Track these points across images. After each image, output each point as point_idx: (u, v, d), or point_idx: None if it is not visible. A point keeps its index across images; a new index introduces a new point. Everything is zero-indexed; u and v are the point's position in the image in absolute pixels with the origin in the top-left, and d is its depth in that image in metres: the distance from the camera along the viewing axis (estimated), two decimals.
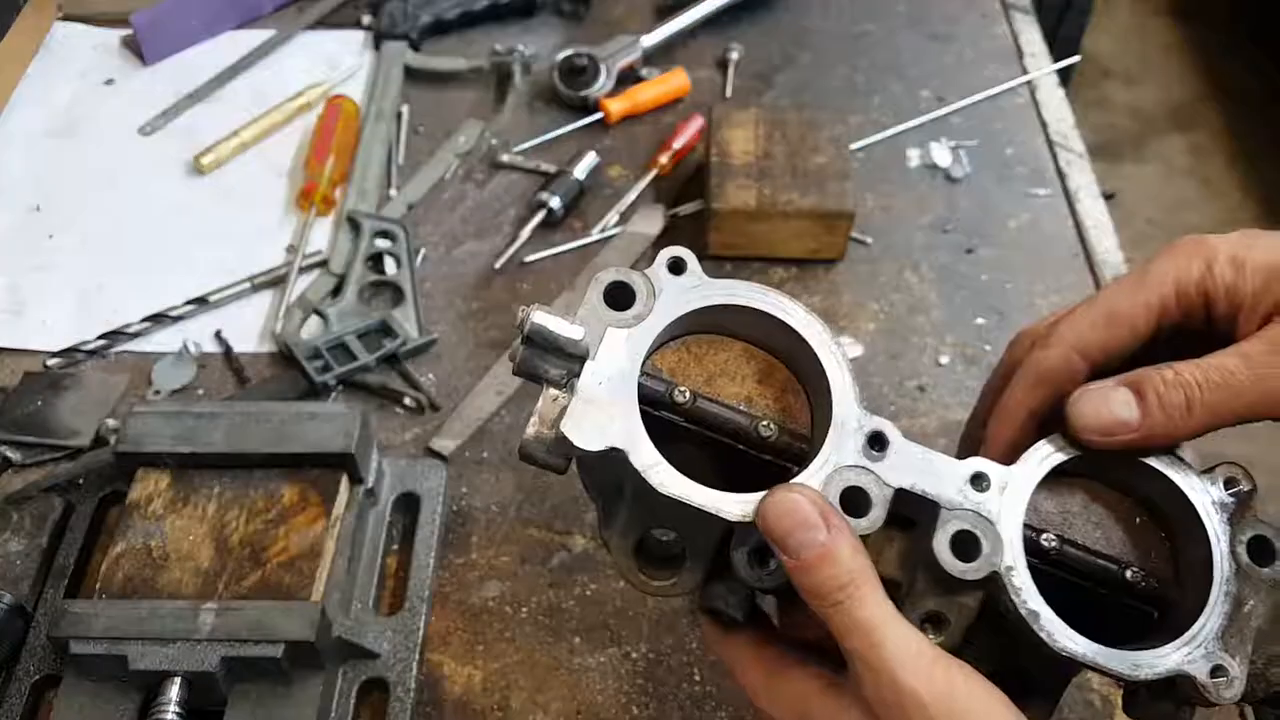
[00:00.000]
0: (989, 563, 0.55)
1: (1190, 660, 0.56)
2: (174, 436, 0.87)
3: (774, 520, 0.53)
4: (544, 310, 0.56)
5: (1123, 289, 0.60)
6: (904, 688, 0.51)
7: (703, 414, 0.58)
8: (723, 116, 1.20)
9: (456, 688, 0.87)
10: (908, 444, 0.57)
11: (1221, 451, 0.67)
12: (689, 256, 0.59)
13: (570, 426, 0.54)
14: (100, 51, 1.41)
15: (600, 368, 0.56)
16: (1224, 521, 0.59)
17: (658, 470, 0.54)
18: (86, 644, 0.77)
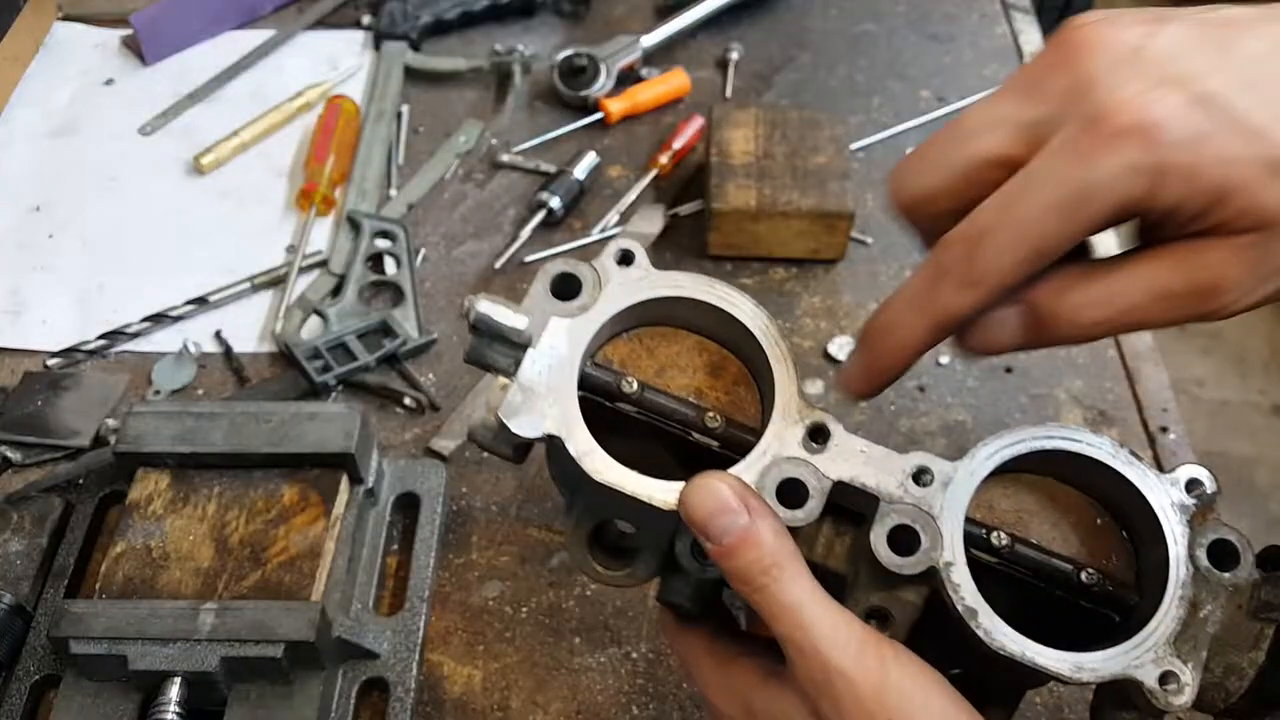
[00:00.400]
0: (927, 558, 0.54)
1: (1137, 664, 0.54)
2: (174, 436, 0.87)
3: (693, 506, 0.53)
4: (489, 299, 0.57)
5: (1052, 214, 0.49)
6: (832, 667, 0.51)
7: (651, 405, 0.58)
8: (723, 116, 1.20)
9: (456, 688, 0.87)
10: (849, 437, 0.57)
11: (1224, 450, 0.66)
12: (637, 249, 0.60)
13: (507, 412, 0.55)
14: (100, 51, 1.41)
15: (541, 356, 0.57)
16: (1183, 524, 0.57)
17: (591, 457, 0.55)
18: (86, 644, 0.77)
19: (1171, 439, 1.04)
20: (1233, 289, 0.50)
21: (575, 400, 0.56)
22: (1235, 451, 2.62)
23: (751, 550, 0.52)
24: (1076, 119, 0.49)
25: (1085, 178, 0.48)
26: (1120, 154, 0.47)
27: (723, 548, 0.52)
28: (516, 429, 0.55)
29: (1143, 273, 0.51)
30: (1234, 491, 2.54)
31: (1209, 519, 0.57)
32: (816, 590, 0.53)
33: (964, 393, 1.07)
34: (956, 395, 1.07)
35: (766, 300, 1.14)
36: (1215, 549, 0.56)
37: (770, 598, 0.52)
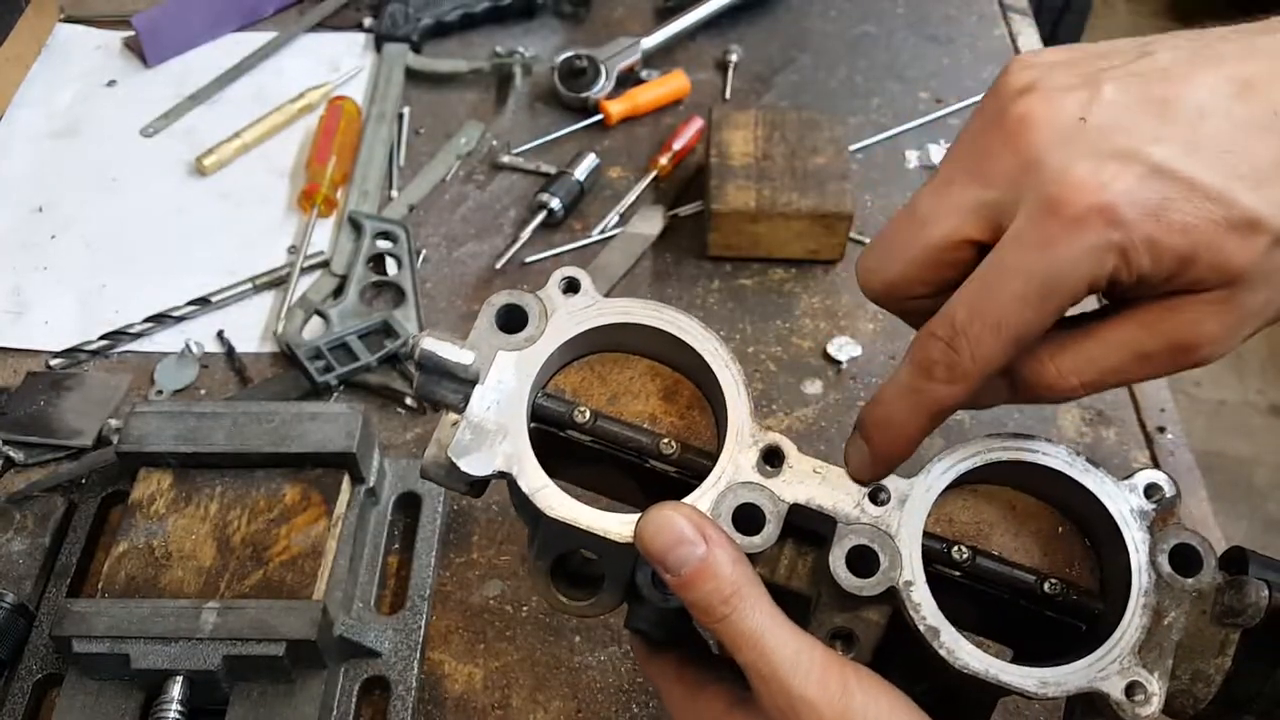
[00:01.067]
0: (886, 578, 0.54)
1: (1103, 676, 0.53)
2: (176, 436, 0.87)
3: (649, 539, 0.52)
4: (433, 336, 0.56)
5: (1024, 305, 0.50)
6: (794, 694, 0.50)
7: (605, 433, 0.58)
8: (722, 118, 1.21)
9: (457, 686, 0.87)
10: (803, 458, 0.56)
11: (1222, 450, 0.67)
12: (582, 276, 0.59)
13: (456, 451, 0.54)
14: (102, 53, 1.42)
15: (488, 392, 0.56)
16: (1144, 530, 0.56)
17: (544, 493, 0.54)
18: (89, 643, 0.77)
19: (1169, 439, 1.05)
20: (1208, 344, 0.51)
21: (525, 436, 0.55)
22: (1233, 451, 2.62)
23: (709, 580, 0.52)
24: (1032, 203, 0.49)
25: (1052, 266, 0.49)
26: (1083, 238, 0.48)
27: (681, 579, 0.52)
28: (466, 468, 0.54)
29: (1118, 337, 0.52)
30: (1232, 491, 2.55)
31: (1170, 524, 0.57)
32: (777, 616, 0.52)
33: None
34: None
35: (766, 301, 1.15)
36: (1177, 554, 0.56)
37: (731, 627, 0.52)
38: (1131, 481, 0.57)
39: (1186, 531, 0.56)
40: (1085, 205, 0.48)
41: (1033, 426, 1.05)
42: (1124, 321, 0.52)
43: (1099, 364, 0.52)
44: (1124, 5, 3.81)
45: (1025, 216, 0.50)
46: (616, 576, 0.59)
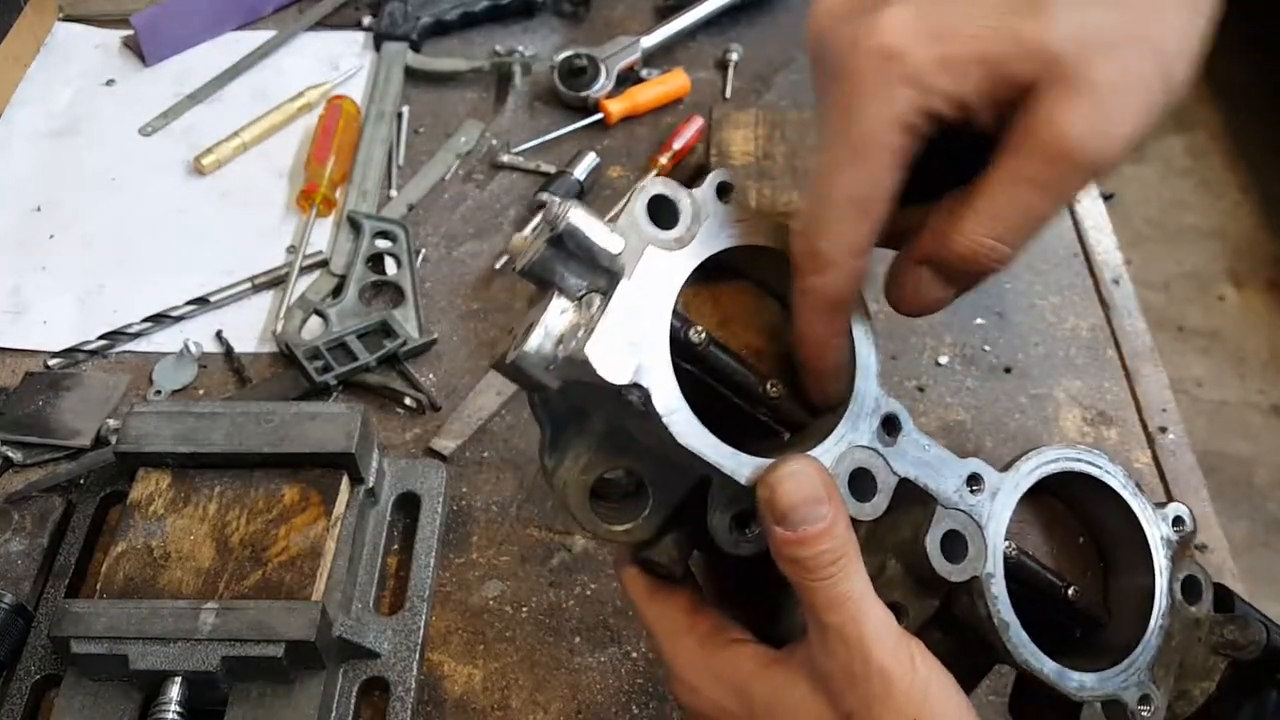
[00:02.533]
0: (973, 567, 0.54)
1: (1124, 687, 0.57)
2: (175, 436, 0.87)
3: (784, 492, 0.50)
4: (583, 210, 0.48)
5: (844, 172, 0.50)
6: (874, 662, 0.51)
7: (712, 360, 0.53)
8: (722, 117, 1.20)
9: (457, 687, 0.87)
10: (917, 433, 0.55)
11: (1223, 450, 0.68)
12: (737, 184, 0.54)
13: (596, 351, 0.47)
14: (101, 52, 1.42)
15: (635, 291, 0.49)
16: (1167, 557, 0.60)
17: (678, 418, 0.49)
18: (87, 644, 0.77)
19: (1170, 439, 1.04)
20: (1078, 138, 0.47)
21: (666, 348, 0.49)
22: (1234, 452, 2.62)
23: (827, 541, 0.51)
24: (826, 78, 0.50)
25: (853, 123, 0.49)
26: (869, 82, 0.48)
27: (797, 535, 0.50)
28: (604, 371, 0.47)
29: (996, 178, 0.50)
30: (1233, 491, 2.55)
31: (1185, 555, 0.61)
32: (869, 584, 0.52)
33: (963, 393, 1.07)
34: (956, 395, 1.07)
35: None
36: (1187, 584, 0.60)
37: (832, 588, 0.51)
38: (1164, 512, 0.61)
39: (1196, 564, 0.61)
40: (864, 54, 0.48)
41: (1034, 426, 1.05)
42: (995, 163, 0.50)
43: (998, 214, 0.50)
44: None
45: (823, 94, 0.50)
46: (664, 504, 0.54)
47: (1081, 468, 0.60)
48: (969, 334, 1.12)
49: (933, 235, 0.52)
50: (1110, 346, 1.12)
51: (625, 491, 0.55)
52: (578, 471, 0.53)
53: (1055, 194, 0.50)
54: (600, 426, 0.53)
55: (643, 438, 0.51)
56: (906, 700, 0.51)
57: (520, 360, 0.49)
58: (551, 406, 0.54)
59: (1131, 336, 1.13)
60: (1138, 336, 1.13)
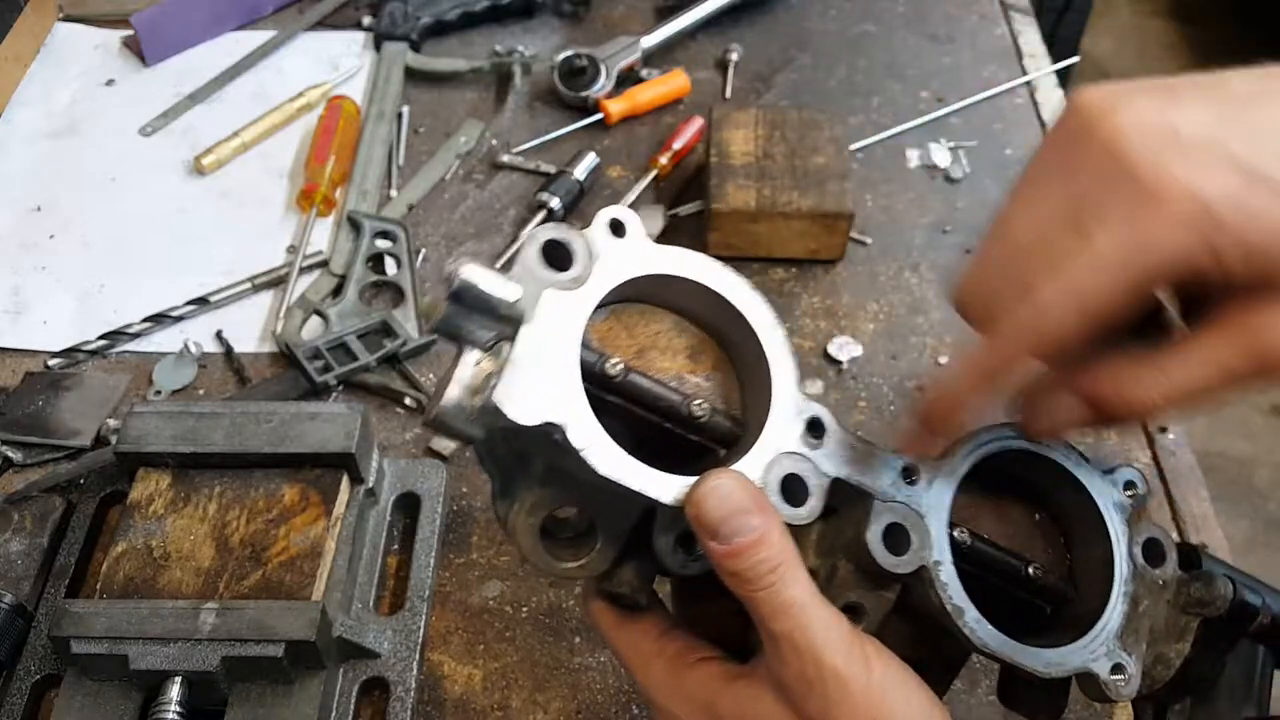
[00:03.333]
0: (918, 557, 0.55)
1: (1093, 658, 0.57)
2: (175, 436, 0.87)
3: (708, 507, 0.51)
4: (475, 264, 0.50)
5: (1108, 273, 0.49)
6: (826, 666, 0.51)
7: (633, 389, 0.53)
8: (722, 117, 1.20)
9: (457, 687, 0.87)
10: (843, 432, 0.56)
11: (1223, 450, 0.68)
12: (630, 219, 0.54)
13: (503, 396, 0.48)
14: (101, 52, 1.42)
15: (537, 333, 0.50)
16: (1123, 523, 0.60)
17: (595, 450, 0.50)
18: (87, 644, 0.77)
19: (1170, 439, 1.04)
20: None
21: (579, 385, 0.50)
22: (1234, 451, 2.62)
23: (762, 550, 0.51)
24: (1125, 193, 0.49)
25: (1144, 257, 0.48)
26: (1177, 233, 0.48)
27: (730, 548, 0.51)
28: (514, 415, 0.48)
29: (1204, 354, 0.51)
30: (1233, 491, 2.55)
31: (1142, 519, 0.61)
32: (813, 588, 0.52)
33: None
34: None
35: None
36: (1148, 547, 0.60)
37: (774, 596, 0.51)
38: (1113, 477, 0.61)
39: (1154, 526, 0.61)
40: (1179, 197, 0.47)
41: None
42: (1207, 337, 0.51)
43: (1180, 386, 0.51)
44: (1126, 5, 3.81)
45: (1116, 208, 0.49)
46: (613, 537, 0.55)
47: (1019, 445, 0.59)
48: (969, 334, 1.12)
49: (1104, 377, 0.53)
50: None
51: (579, 529, 0.56)
52: (524, 514, 0.54)
53: (1239, 387, 0.51)
54: (540, 469, 0.54)
55: (580, 474, 0.52)
56: (865, 700, 0.51)
57: (440, 415, 0.50)
58: (496, 455, 0.55)
59: None
60: None
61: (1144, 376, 0.52)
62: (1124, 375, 0.53)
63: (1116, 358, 0.53)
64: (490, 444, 0.54)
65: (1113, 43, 3.62)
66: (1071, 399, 0.55)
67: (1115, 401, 0.53)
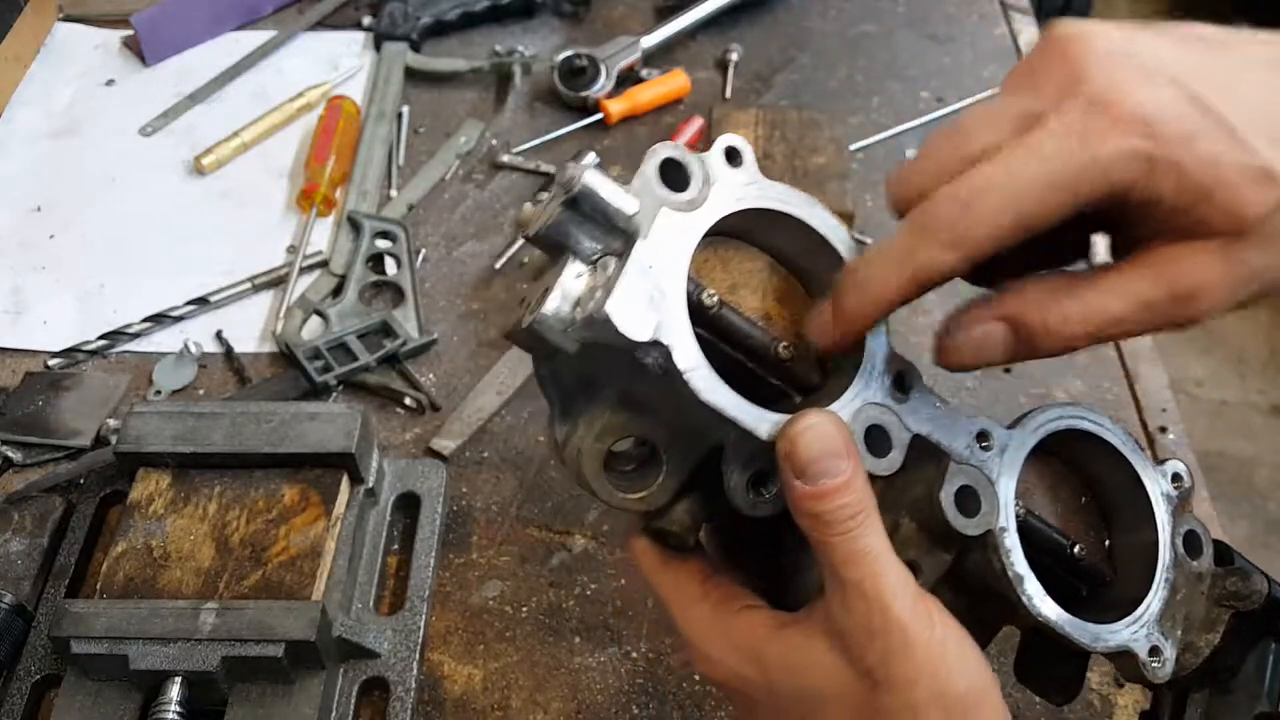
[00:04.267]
0: (986, 521, 0.54)
1: (1134, 639, 0.58)
2: (175, 436, 0.87)
3: (802, 446, 0.50)
4: (597, 171, 0.49)
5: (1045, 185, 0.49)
6: (893, 617, 0.51)
7: (724, 323, 0.53)
8: (722, 117, 1.20)
9: (457, 687, 0.87)
10: (927, 391, 0.56)
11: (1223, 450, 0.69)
12: (745, 149, 0.54)
13: (616, 309, 0.47)
14: (101, 52, 1.42)
15: (651, 250, 0.49)
16: (1169, 513, 0.61)
17: (699, 374, 0.49)
18: (87, 644, 0.77)
19: (1170, 439, 1.04)
20: (1208, 295, 0.51)
21: (684, 306, 0.49)
22: (1234, 451, 2.62)
23: (847, 495, 0.51)
24: (1074, 102, 0.50)
25: (1082, 155, 0.49)
26: (1117, 137, 0.48)
27: (816, 489, 0.51)
28: (626, 329, 0.47)
29: (1123, 284, 0.52)
30: (1233, 491, 2.55)
31: (1185, 511, 0.62)
32: (888, 541, 0.52)
33: (963, 392, 1.07)
34: (955, 395, 1.07)
35: None
36: (1188, 539, 0.62)
37: (851, 543, 0.51)
38: (1163, 469, 0.62)
39: (1194, 519, 0.62)
40: (1127, 109, 0.49)
41: None
42: (1129, 268, 0.52)
43: (1101, 312, 0.52)
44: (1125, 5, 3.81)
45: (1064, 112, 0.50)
46: (678, 471, 0.54)
47: (1084, 425, 0.61)
48: None
49: (1023, 299, 0.53)
50: (1110, 346, 1.12)
51: (636, 462, 0.56)
52: (591, 439, 0.53)
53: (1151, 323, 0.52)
54: (612, 395, 0.53)
55: (657, 402, 0.51)
56: (926, 655, 0.51)
57: (538, 324, 0.49)
58: (560, 378, 0.54)
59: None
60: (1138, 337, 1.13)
61: (1065, 303, 0.52)
62: (1047, 300, 0.53)
63: (1039, 284, 0.53)
64: (559, 363, 0.52)
65: None
66: (993, 325, 0.54)
67: (1036, 326, 0.53)
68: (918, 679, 0.51)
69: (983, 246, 0.51)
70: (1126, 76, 0.50)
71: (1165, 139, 0.48)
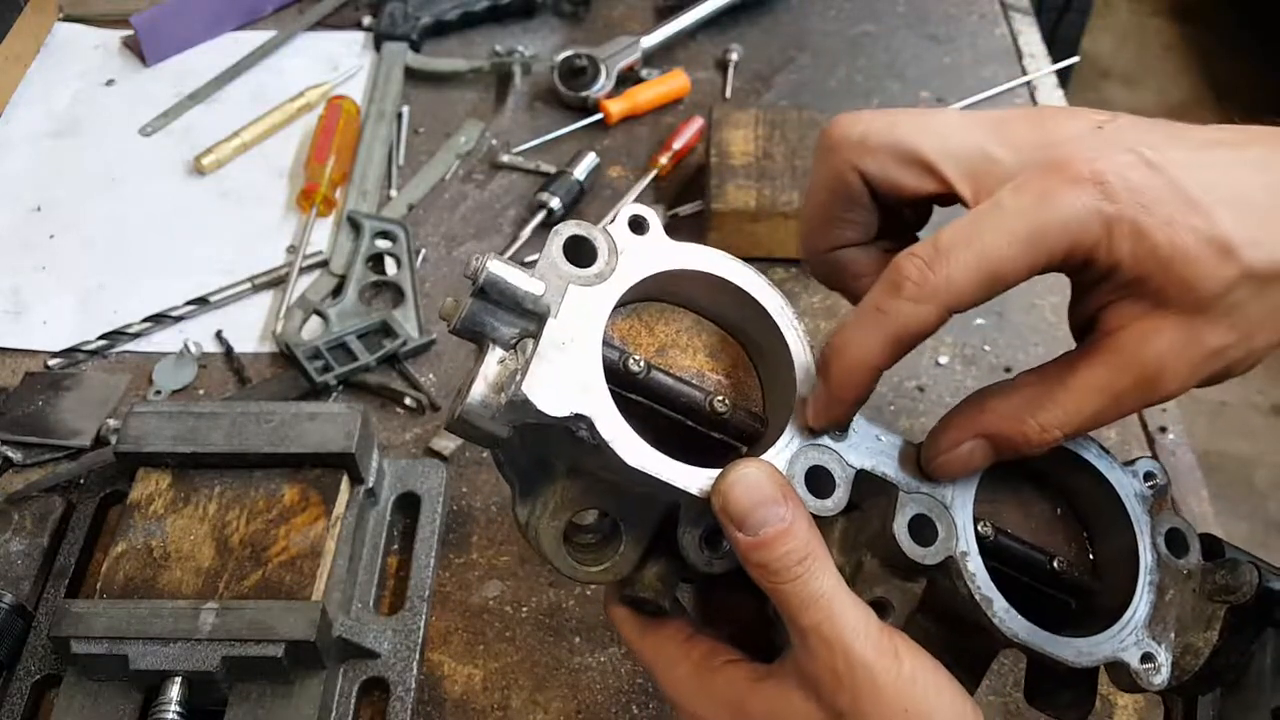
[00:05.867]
0: (945, 548, 0.54)
1: (1123, 648, 0.57)
2: (175, 436, 0.87)
3: (734, 498, 0.51)
4: (500, 260, 0.50)
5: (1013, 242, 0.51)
6: (856, 659, 0.51)
7: (655, 386, 0.54)
8: (722, 117, 1.20)
9: (457, 687, 0.87)
10: (867, 424, 0.56)
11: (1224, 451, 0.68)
12: (651, 216, 0.55)
13: (533, 388, 0.48)
14: (101, 52, 1.42)
15: (563, 327, 0.51)
16: (1145, 513, 0.60)
17: (625, 442, 0.50)
18: (87, 644, 0.77)
19: (1171, 439, 1.04)
20: (1172, 377, 0.52)
21: (602, 378, 0.51)
22: (1235, 452, 2.62)
23: (789, 542, 0.51)
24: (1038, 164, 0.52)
25: (1045, 213, 0.50)
26: (1079, 198, 0.50)
27: (757, 539, 0.51)
28: (544, 406, 0.48)
29: (1092, 380, 0.53)
30: (1233, 492, 2.55)
31: (1164, 509, 0.61)
32: (841, 581, 0.52)
33: (963, 393, 1.06)
34: (955, 395, 1.07)
35: None
36: (1171, 537, 0.60)
37: (802, 588, 0.51)
38: (1133, 468, 0.61)
39: (1176, 517, 0.61)
40: (1086, 171, 0.50)
41: None
42: (1093, 360, 0.53)
43: (1078, 413, 0.53)
44: (1125, 5, 3.82)
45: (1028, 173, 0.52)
46: (637, 539, 0.55)
47: None
48: (969, 334, 1.12)
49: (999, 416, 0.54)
50: None
51: (602, 533, 0.57)
52: (547, 518, 0.54)
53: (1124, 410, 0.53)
54: (562, 471, 0.54)
55: (603, 473, 0.52)
56: (894, 693, 0.51)
57: (465, 414, 0.51)
58: (516, 461, 0.55)
59: None
60: None
61: (1041, 414, 0.53)
62: (1023, 413, 0.54)
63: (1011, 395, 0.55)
64: (510, 447, 0.54)
65: (1112, 43, 3.63)
66: (975, 445, 0.55)
67: (1017, 440, 0.54)
68: (890, 717, 0.51)
69: (953, 302, 0.52)
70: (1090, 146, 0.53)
71: (1121, 200, 0.49)
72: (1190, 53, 3.64)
